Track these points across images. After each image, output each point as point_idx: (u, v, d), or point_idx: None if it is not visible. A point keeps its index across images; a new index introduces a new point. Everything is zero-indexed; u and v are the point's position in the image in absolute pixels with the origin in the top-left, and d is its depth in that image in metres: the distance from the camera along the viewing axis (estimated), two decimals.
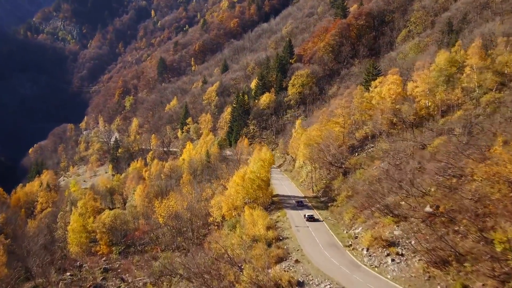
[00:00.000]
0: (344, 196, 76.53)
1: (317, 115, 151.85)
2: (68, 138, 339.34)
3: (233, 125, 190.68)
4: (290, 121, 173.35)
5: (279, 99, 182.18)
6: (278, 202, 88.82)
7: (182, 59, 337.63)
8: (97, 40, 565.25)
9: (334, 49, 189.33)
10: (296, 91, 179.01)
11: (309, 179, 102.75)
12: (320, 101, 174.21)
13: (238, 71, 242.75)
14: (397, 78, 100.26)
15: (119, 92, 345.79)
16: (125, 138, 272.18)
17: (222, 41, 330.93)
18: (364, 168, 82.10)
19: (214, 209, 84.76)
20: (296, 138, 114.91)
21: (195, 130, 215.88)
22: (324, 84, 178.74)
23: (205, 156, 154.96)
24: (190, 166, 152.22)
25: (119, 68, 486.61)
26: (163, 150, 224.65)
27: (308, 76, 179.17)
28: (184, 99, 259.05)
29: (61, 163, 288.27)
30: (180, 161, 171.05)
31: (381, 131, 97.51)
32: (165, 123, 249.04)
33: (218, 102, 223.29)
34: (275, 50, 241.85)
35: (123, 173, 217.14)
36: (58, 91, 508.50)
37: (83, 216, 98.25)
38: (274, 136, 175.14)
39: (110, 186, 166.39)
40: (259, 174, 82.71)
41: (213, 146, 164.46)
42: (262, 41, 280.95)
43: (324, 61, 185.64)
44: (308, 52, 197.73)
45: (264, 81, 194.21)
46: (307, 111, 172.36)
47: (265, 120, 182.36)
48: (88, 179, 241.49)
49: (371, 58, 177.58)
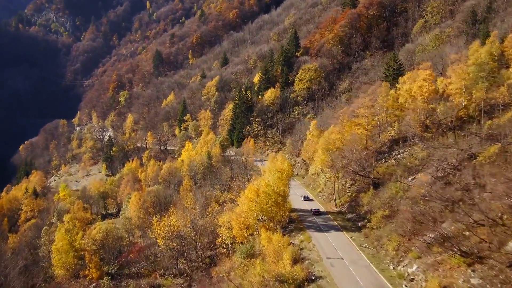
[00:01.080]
0: (380, 216, 63.80)
1: (328, 113, 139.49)
2: (60, 135, 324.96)
3: (235, 123, 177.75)
4: (298, 119, 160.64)
5: (285, 95, 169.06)
6: (296, 219, 76.01)
7: (179, 52, 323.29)
8: (90, 32, 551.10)
9: (343, 41, 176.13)
10: (304, 86, 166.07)
11: (328, 189, 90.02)
12: (330, 97, 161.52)
13: (239, 64, 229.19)
14: (430, 73, 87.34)
15: (113, 87, 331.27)
16: (119, 135, 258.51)
17: (220, 33, 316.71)
18: (401, 181, 69.33)
19: (223, 228, 71.93)
20: (311, 141, 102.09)
21: (194, 127, 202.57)
22: (334, 78, 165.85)
23: (206, 158, 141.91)
24: (190, 169, 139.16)
25: (113, 61, 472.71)
26: (160, 149, 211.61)
27: (316, 70, 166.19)
28: (182, 94, 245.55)
29: (52, 161, 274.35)
30: (178, 163, 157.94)
31: (413, 134, 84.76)
32: (162, 119, 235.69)
33: (218, 97, 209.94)
34: (278, 43, 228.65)
35: (117, 174, 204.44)
36: (50, 85, 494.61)
37: (70, 233, 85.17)
38: (280, 135, 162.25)
39: (103, 190, 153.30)
40: (276, 188, 69.86)
41: (215, 146, 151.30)
42: (264, 33, 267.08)
43: (333, 54, 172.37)
44: (316, 45, 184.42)
45: (268, 75, 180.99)
46: (316, 108, 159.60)
47: (270, 117, 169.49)
48: (80, 179, 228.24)
49: (384, 50, 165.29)
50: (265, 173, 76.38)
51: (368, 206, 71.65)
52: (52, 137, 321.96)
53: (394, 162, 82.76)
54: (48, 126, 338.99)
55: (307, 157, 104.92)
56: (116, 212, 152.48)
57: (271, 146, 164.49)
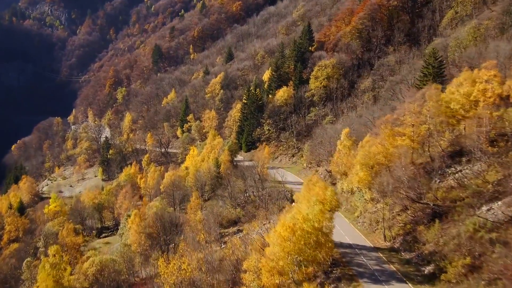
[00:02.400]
0: (461, 265, 48.26)
1: (353, 117, 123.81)
2: (55, 134, 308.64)
3: (244, 124, 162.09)
4: (315, 122, 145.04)
5: (299, 94, 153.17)
6: (340, 260, 60.41)
7: (180, 46, 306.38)
8: (86, 26, 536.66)
9: (362, 34, 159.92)
10: (320, 84, 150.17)
11: (369, 214, 74.37)
12: (350, 97, 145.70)
13: (246, 60, 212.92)
14: (495, 74, 71.53)
15: (110, 83, 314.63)
16: (116, 136, 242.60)
17: (223, 27, 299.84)
18: (478, 215, 53.79)
19: (249, 274, 56.39)
20: (343, 153, 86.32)
21: (197, 128, 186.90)
22: (354, 76, 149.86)
23: (214, 167, 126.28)
24: (196, 179, 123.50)
25: (110, 56, 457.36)
26: (160, 152, 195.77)
27: (334, 67, 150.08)
28: (184, 92, 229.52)
29: (45, 163, 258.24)
30: (182, 170, 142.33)
31: (475, 148, 69.05)
32: (162, 119, 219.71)
33: (223, 96, 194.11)
34: (287, 36, 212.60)
35: (114, 180, 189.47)
36: (45, 81, 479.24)
37: (57, 268, 69.62)
38: (294, 139, 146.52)
39: (99, 202, 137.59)
40: (317, 223, 54.32)
41: (223, 152, 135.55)
42: (270, 26, 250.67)
43: (352, 49, 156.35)
44: (331, 39, 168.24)
45: (279, 72, 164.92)
46: (336, 110, 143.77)
47: (283, 119, 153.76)
48: (75, 183, 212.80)
49: (409, 45, 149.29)
50: (301, 202, 60.59)
51: (434, 245, 56.10)
52: (45, 136, 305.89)
53: (453, 183, 67.13)
54: (42, 125, 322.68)
55: (337, 171, 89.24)
56: (113, 226, 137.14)
57: (284, 151, 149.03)
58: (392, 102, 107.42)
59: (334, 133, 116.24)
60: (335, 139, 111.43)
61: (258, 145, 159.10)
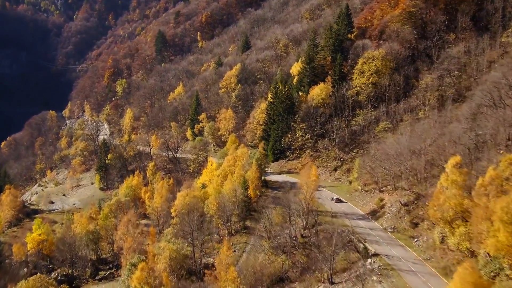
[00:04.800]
0: None
1: (424, 127, 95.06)
2: (48, 130, 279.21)
3: (270, 128, 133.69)
4: (364, 128, 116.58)
5: (340, 93, 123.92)
6: None
7: (186, 33, 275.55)
8: (84, 11, 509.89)
9: (415, 19, 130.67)
10: (368, 81, 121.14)
11: None
12: (406, 97, 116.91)
13: (266, 49, 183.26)
14: None
15: (109, 74, 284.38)
16: (116, 135, 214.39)
17: (234, 11, 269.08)
18: None
19: None
20: (452, 195, 57.70)
21: (211, 131, 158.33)
22: (411, 70, 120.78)
23: (242, 188, 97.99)
24: (219, 207, 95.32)
25: (109, 43, 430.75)
26: (168, 157, 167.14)
27: (384, 59, 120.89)
28: (193, 85, 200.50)
29: (36, 164, 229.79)
30: (198, 188, 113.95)
31: None
32: (169, 117, 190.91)
33: (241, 92, 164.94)
34: (312, 22, 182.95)
35: (113, 190, 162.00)
36: (40, 70, 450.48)
37: None
38: (336, 149, 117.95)
39: (94, 229, 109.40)
40: None
41: (250, 167, 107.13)
42: (290, 10, 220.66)
43: (403, 36, 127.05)
44: (376, 24, 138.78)
45: (313, 65, 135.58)
46: (390, 113, 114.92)
47: (320, 123, 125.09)
48: (69, 191, 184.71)
49: (478, 32, 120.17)
50: None
51: None
52: (38, 133, 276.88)
53: None
54: (34, 120, 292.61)
55: (438, 218, 60.58)
56: (112, 259, 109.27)
57: (323, 162, 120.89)
58: (491, 109, 78.77)
59: (399, 146, 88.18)
60: (402, 156, 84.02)
61: (289, 154, 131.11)
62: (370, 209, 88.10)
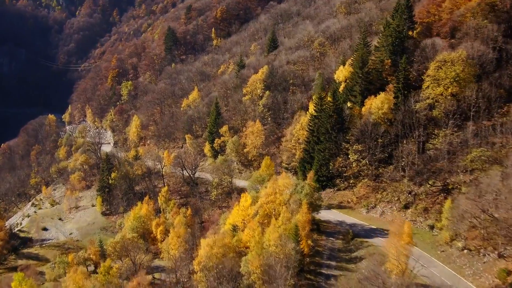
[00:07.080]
0: None
1: None
2: (45, 137, 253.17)
3: (314, 149, 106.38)
4: (442, 152, 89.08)
5: (407, 106, 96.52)
6: None
7: (199, 30, 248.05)
8: (87, 6, 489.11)
9: (497, 12, 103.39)
10: (446, 92, 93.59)
11: None
12: (500, 114, 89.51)
13: (297, 49, 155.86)
14: None
15: (113, 75, 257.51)
16: (120, 146, 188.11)
17: (253, 5, 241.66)
18: None
19: None
20: None
21: (235, 147, 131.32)
22: (504, 78, 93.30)
23: (294, 242, 71.42)
24: (265, 271, 68.63)
25: (113, 40, 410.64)
26: (182, 176, 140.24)
27: (466, 64, 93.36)
28: (209, 90, 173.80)
29: (31, 178, 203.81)
30: (229, 235, 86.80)
31: None
32: (182, 127, 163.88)
33: (269, 100, 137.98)
34: (350, 16, 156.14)
35: (117, 217, 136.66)
36: (39, 69, 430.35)
37: None
38: (406, 179, 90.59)
39: None
40: None
41: (300, 209, 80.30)
42: (319, 5, 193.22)
43: (487, 35, 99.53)
44: (445, 19, 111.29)
45: (366, 70, 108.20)
46: (480, 134, 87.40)
47: (381, 145, 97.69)
48: (66, 214, 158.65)
49: None
50: None
51: None
52: (35, 140, 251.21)
53: None
54: (31, 125, 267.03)
55: None
56: None
57: (386, 196, 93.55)
58: None
59: None
60: None
61: (339, 182, 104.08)
62: (489, 285, 60.83)
